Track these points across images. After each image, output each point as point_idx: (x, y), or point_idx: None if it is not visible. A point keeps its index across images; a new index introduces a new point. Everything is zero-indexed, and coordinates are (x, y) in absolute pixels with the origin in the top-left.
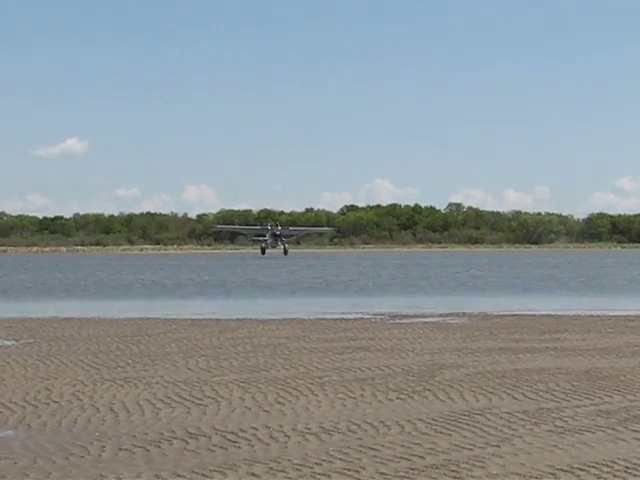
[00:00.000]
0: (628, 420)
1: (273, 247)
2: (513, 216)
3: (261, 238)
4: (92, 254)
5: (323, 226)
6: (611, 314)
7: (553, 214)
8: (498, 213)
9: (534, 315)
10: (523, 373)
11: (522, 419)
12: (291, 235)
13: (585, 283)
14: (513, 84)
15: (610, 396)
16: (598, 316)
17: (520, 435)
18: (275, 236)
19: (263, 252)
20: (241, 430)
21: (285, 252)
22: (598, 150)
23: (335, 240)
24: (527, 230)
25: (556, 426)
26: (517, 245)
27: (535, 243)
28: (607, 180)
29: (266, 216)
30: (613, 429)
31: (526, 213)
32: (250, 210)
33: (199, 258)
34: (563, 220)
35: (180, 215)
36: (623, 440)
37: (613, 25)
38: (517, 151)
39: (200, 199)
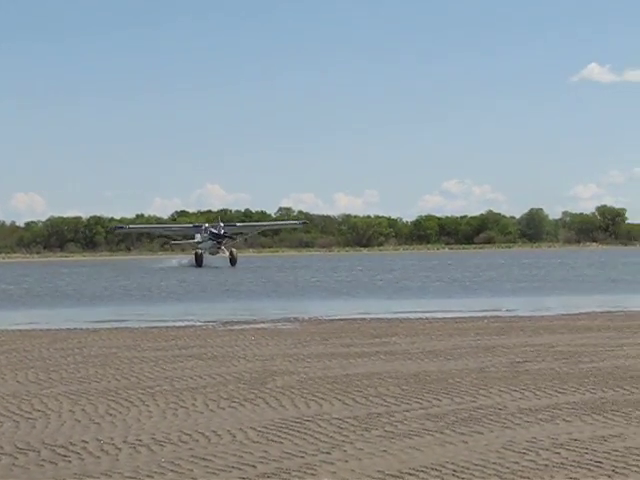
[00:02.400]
0: (456, 423)
1: (214, 253)
2: (343, 220)
3: (190, 242)
4: None
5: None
6: (439, 317)
7: (382, 217)
8: (328, 217)
9: (364, 319)
10: (353, 378)
11: (353, 425)
12: (239, 234)
13: (414, 285)
14: (341, 89)
15: (438, 399)
16: (427, 319)
17: (351, 441)
18: (216, 237)
19: (199, 261)
20: (71, 444)
21: (232, 261)
22: (426, 154)
23: (165, 246)
24: (357, 233)
25: (386, 431)
26: (347, 248)
27: (365, 246)
28: (435, 183)
29: (96, 223)
30: (441, 432)
31: (356, 216)
32: (80, 217)
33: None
34: (392, 223)
35: (8, 223)
36: (451, 443)
37: (438, 34)
38: (347, 155)
39: (29, 207)
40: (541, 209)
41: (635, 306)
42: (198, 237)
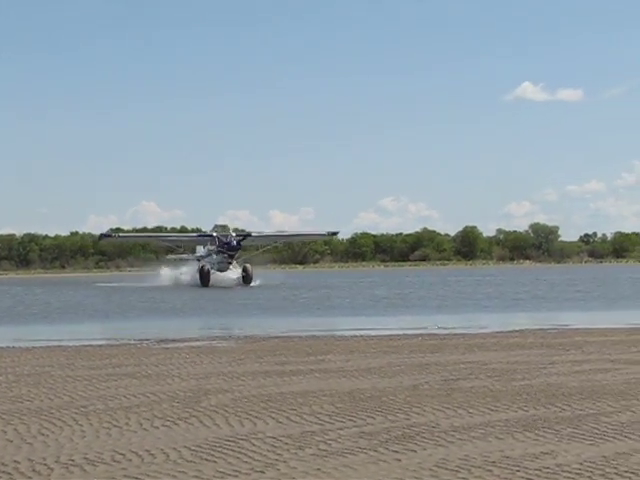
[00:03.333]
0: (389, 441)
1: (223, 270)
2: None
3: (190, 256)
4: None
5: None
6: (374, 334)
7: None
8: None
9: (300, 337)
10: (288, 396)
11: (286, 443)
12: (262, 246)
13: (353, 302)
14: (276, 106)
15: (372, 417)
16: (362, 336)
17: (284, 460)
18: (228, 249)
19: (205, 279)
20: (3, 464)
21: (246, 278)
22: (362, 171)
23: (101, 263)
24: (292, 250)
25: (320, 449)
26: (283, 266)
27: (301, 263)
28: (370, 200)
29: (30, 240)
30: (375, 451)
31: None
32: (13, 234)
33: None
34: (328, 240)
35: None
36: (384, 462)
37: (374, 51)
38: (282, 172)
39: None
40: (475, 226)
41: (566, 323)
42: (200, 249)
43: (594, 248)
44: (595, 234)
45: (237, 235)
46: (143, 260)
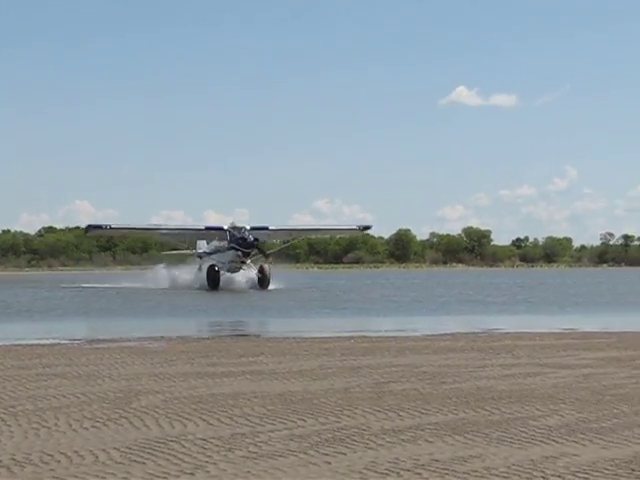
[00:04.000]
0: (320, 444)
1: (234, 270)
2: None
3: (184, 252)
4: None
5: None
6: (307, 336)
7: None
8: None
9: (231, 337)
10: (219, 398)
11: (217, 445)
12: (283, 243)
13: (273, 305)
14: (212, 108)
15: (303, 420)
16: (294, 338)
17: (214, 462)
18: (243, 245)
19: (214, 281)
20: None
21: (263, 281)
22: (296, 173)
23: (32, 262)
24: None
25: (250, 452)
26: None
27: None
28: (305, 202)
29: None
30: (305, 453)
31: None
32: None
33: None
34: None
35: None
36: (314, 464)
37: (310, 52)
38: (217, 172)
39: None
40: (409, 230)
41: (497, 327)
42: (202, 245)
43: (526, 252)
44: (527, 238)
45: (252, 229)
46: (76, 260)
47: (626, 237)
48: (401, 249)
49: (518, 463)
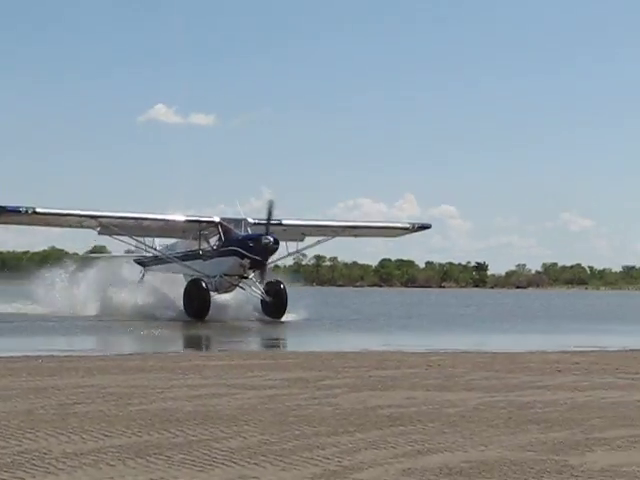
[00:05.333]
0: None
1: (228, 289)
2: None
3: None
4: None
5: None
6: None
7: None
8: None
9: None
10: None
11: None
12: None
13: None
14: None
15: None
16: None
17: None
18: (256, 248)
19: (201, 308)
20: None
21: (277, 304)
22: None
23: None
24: None
25: None
26: None
27: None
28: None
29: None
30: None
31: None
32: None
33: None
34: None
35: None
36: None
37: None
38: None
39: None
40: None
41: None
42: (177, 244)
43: None
44: None
45: (255, 224)
46: None
47: (318, 257)
48: None
49: None
